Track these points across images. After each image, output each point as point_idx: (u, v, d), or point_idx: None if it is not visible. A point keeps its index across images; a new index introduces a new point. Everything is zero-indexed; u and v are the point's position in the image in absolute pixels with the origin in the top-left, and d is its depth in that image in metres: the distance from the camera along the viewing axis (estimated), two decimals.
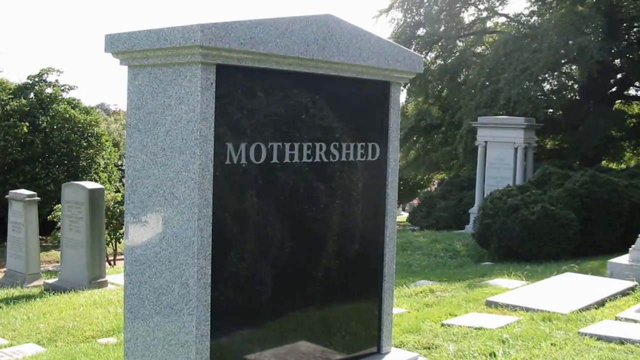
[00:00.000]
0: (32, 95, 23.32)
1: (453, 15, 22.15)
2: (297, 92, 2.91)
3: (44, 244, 17.73)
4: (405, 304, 5.95)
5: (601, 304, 5.50)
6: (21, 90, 23.17)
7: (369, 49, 3.08)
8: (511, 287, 6.64)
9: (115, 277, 8.86)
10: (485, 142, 15.09)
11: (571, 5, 17.98)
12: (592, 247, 10.64)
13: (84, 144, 22.82)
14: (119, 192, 18.79)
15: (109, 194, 16.43)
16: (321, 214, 3.05)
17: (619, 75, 20.33)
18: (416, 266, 10.45)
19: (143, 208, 2.82)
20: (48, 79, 23.85)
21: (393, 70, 3.24)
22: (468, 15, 23.38)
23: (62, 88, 23.99)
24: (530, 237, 10.28)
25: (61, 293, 7.75)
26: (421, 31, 23.15)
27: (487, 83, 19.09)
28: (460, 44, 23.39)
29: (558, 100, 19.22)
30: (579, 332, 4.46)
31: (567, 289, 6.09)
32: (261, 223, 2.82)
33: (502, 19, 23.52)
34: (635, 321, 4.82)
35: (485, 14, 23.02)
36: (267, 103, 2.79)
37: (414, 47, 22.01)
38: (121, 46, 2.76)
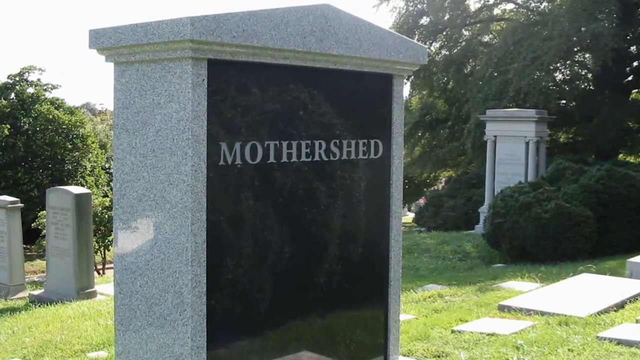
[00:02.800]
0: (12, 95, 23.35)
1: (458, 3, 22.14)
2: (294, 87, 2.91)
3: (28, 253, 17.73)
4: (413, 309, 5.96)
5: (621, 306, 5.50)
6: (1, 91, 23.20)
7: (370, 40, 3.08)
8: (525, 290, 6.64)
9: (104, 287, 8.86)
10: (495, 136, 15.09)
11: None
12: (610, 246, 10.64)
13: (69, 146, 22.83)
14: (107, 196, 18.79)
15: (97, 199, 16.44)
16: (322, 216, 3.05)
17: (635, 63, 20.31)
18: (424, 269, 10.45)
19: (133, 213, 2.82)
20: (29, 78, 23.88)
21: (395, 62, 3.24)
22: (474, 2, 23.54)
23: (45, 87, 24.02)
24: (544, 237, 10.28)
25: (47, 305, 7.74)
26: (424, 20, 23.16)
27: (496, 74, 19.08)
28: (466, 33, 23.38)
29: (571, 91, 19.21)
30: (597, 337, 4.47)
31: (584, 291, 6.09)
32: (258, 227, 2.82)
33: (510, 6, 23.53)
34: None
35: (492, 0, 23.03)
36: (262, 99, 2.80)
37: (417, 37, 22.00)
38: (106, 42, 2.76)
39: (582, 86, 20.44)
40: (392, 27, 22.01)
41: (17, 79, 23.55)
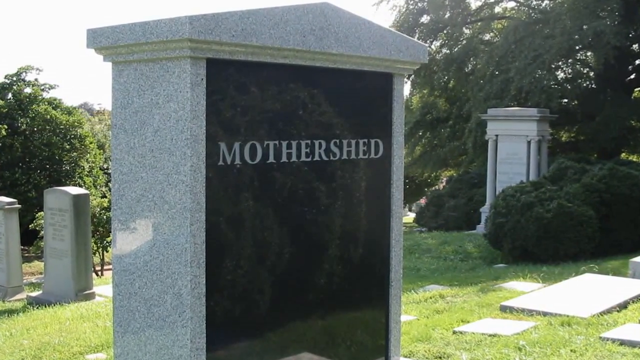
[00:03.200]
0: (10, 95, 23.34)
1: (459, 1, 22.14)
2: (293, 86, 2.91)
3: (26, 255, 17.72)
4: (414, 310, 5.96)
5: (623, 306, 5.50)
6: None
7: (370, 39, 3.08)
8: (527, 291, 6.64)
9: (103, 288, 8.86)
10: (496, 135, 15.09)
11: None
12: (613, 245, 10.64)
13: (67, 146, 22.81)
14: (106, 197, 18.76)
15: (95, 199, 16.40)
16: (322, 217, 3.05)
17: (637, 61, 20.31)
18: (425, 270, 10.45)
19: (131, 214, 2.82)
20: (27, 78, 23.87)
21: (396, 61, 3.24)
22: (475, 1, 23.52)
23: (42, 87, 24.00)
24: (546, 237, 10.28)
25: (46, 307, 7.74)
26: (425, 18, 23.16)
27: (497, 72, 19.08)
28: (467, 31, 23.38)
29: (573, 90, 19.21)
30: (600, 337, 4.47)
31: (586, 291, 6.09)
32: (258, 227, 2.82)
33: (512, 4, 23.55)
34: None
35: None
36: (261, 99, 2.79)
37: (417, 35, 22.01)
38: (104, 41, 2.76)
39: (584, 85, 20.43)
40: (392, 25, 22.01)
41: (15, 78, 23.53)
